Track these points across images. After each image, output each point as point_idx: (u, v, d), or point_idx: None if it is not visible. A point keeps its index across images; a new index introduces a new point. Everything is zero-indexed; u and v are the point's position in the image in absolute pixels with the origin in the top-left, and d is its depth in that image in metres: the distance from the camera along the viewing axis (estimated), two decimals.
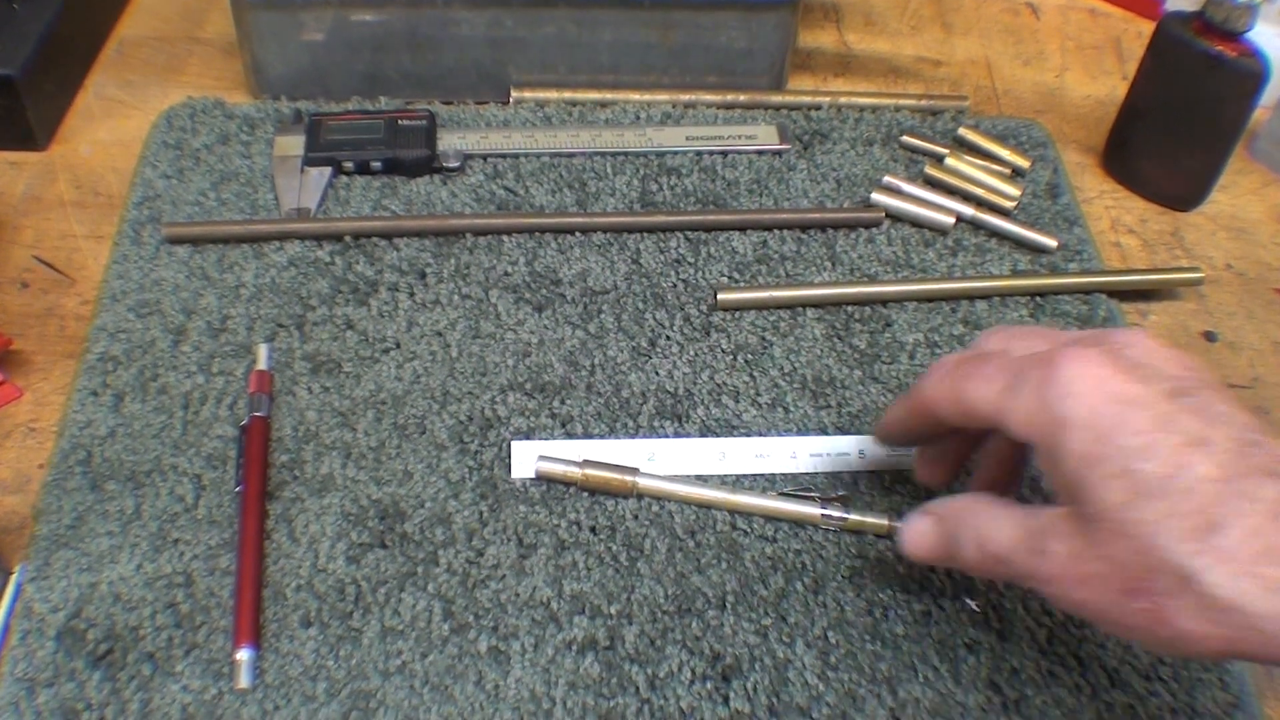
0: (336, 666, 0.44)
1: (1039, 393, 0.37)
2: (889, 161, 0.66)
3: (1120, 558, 0.35)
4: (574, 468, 0.49)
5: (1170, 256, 0.64)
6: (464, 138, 0.65)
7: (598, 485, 0.49)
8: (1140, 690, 0.45)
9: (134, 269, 0.57)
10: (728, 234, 0.61)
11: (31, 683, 0.43)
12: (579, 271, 0.59)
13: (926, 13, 0.80)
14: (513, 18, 0.66)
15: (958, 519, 0.41)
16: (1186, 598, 0.34)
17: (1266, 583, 0.33)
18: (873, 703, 0.44)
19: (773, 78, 0.70)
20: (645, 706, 0.43)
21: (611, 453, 0.50)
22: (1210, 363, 0.59)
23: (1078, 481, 0.36)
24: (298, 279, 0.57)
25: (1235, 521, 0.34)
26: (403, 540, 0.48)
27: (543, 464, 0.49)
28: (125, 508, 0.48)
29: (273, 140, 0.64)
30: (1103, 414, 0.36)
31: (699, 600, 0.46)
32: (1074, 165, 0.69)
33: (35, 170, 0.64)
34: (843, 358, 0.56)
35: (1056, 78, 0.76)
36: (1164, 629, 0.35)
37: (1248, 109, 0.62)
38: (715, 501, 0.49)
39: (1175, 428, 0.35)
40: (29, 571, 0.46)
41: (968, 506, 0.41)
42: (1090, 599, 0.36)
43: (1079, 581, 0.36)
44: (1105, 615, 0.36)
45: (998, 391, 0.39)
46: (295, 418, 0.52)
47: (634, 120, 0.68)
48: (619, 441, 0.51)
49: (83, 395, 0.52)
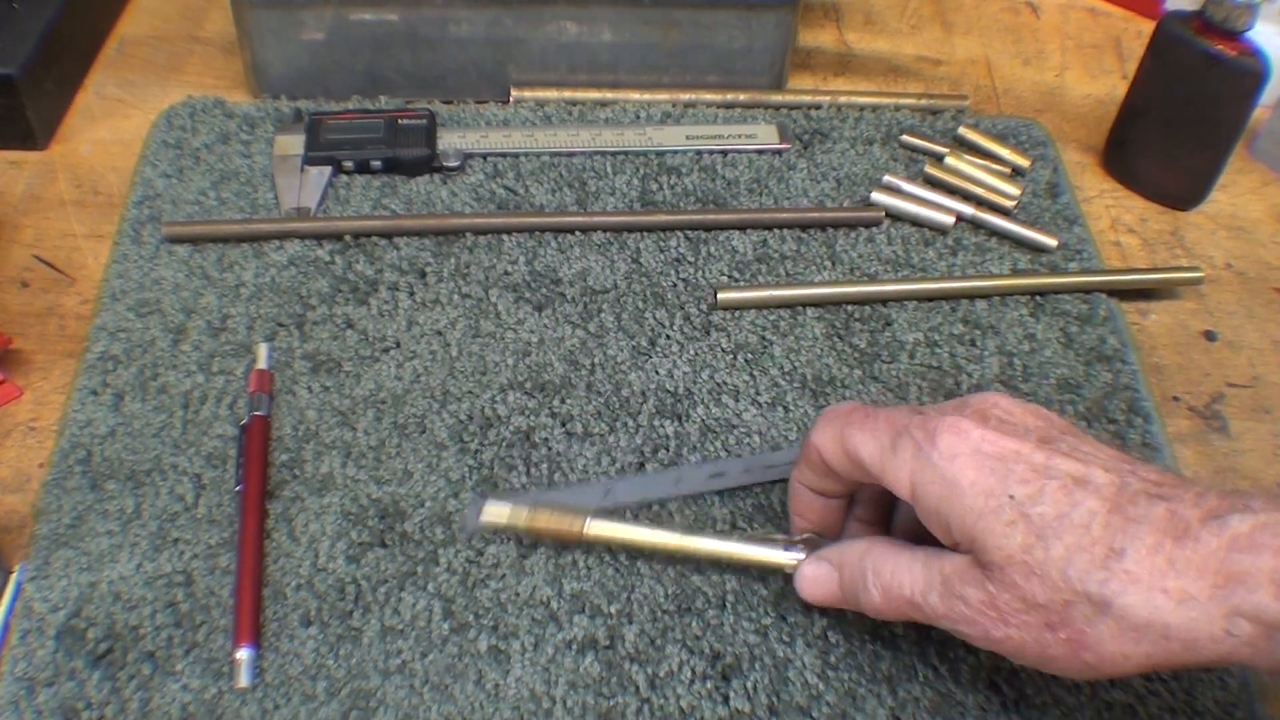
0: (336, 666, 0.44)
1: (920, 455, 0.39)
2: (889, 161, 0.66)
3: (1037, 597, 0.37)
4: (522, 511, 0.46)
5: (1170, 256, 0.64)
6: (464, 137, 0.65)
7: (545, 532, 0.46)
8: (1140, 690, 0.45)
9: (134, 268, 0.57)
10: (728, 233, 0.61)
11: (31, 682, 0.43)
12: (579, 271, 0.59)
13: (926, 12, 0.80)
14: (513, 17, 0.66)
15: (857, 565, 0.42)
16: (1105, 623, 0.36)
17: (1175, 595, 0.36)
18: (872, 702, 0.44)
19: (773, 77, 0.70)
20: (645, 706, 0.43)
21: (566, 496, 0.48)
22: (1210, 362, 0.59)
23: (976, 535, 0.38)
24: (298, 278, 0.57)
25: (1134, 544, 0.36)
26: (403, 539, 0.48)
27: (488, 513, 0.46)
28: (125, 507, 0.48)
29: (273, 139, 0.64)
30: (987, 470, 0.38)
31: (699, 599, 0.46)
32: (1074, 164, 0.69)
33: (35, 169, 0.64)
34: (843, 357, 0.56)
35: (1056, 77, 0.76)
36: (1087, 654, 0.37)
37: (1247, 108, 0.62)
38: (672, 546, 0.45)
39: (1055, 472, 0.38)
40: (29, 571, 0.46)
41: (866, 551, 0.42)
42: (1011, 636, 0.38)
43: (997, 622, 0.38)
44: (1025, 650, 0.38)
45: (882, 447, 0.41)
46: (295, 417, 0.52)
47: (634, 120, 0.68)
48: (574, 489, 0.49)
49: (83, 394, 0.52)
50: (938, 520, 0.39)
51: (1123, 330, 0.58)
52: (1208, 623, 0.35)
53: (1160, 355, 0.59)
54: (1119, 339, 0.58)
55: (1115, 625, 0.36)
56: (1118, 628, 0.36)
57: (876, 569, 0.41)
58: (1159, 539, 0.36)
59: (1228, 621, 0.35)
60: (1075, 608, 0.37)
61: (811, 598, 0.44)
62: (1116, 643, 0.36)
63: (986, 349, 0.57)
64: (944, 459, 0.39)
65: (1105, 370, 0.56)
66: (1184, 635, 0.36)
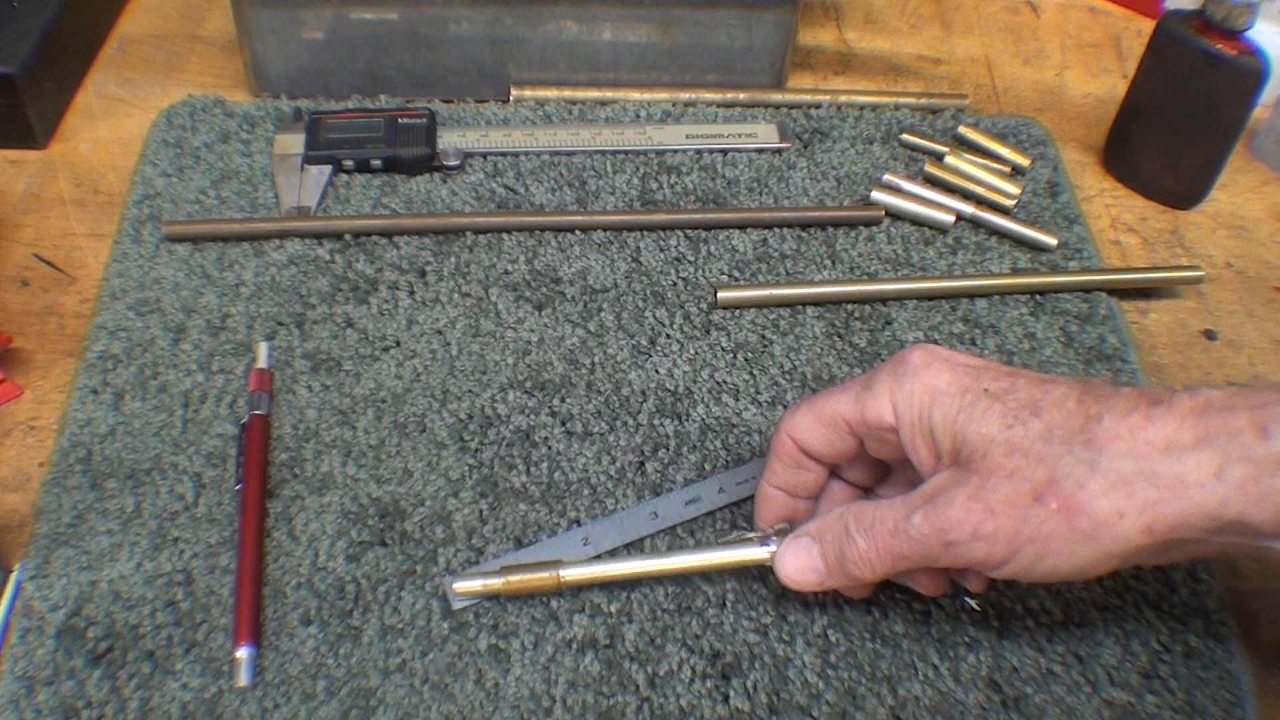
0: (336, 665, 0.44)
1: (895, 379, 0.41)
2: (889, 160, 0.66)
3: (1023, 471, 0.37)
4: (494, 579, 0.45)
5: (1170, 255, 0.64)
6: (464, 136, 0.65)
7: (523, 590, 0.45)
8: (1139, 688, 0.45)
9: (134, 267, 0.57)
10: (728, 232, 0.61)
11: (31, 681, 0.43)
12: (579, 270, 0.59)
13: (926, 11, 0.80)
14: (513, 16, 0.66)
15: (836, 523, 0.41)
16: (1094, 481, 0.36)
17: (1159, 445, 0.36)
18: (872, 701, 0.44)
19: (773, 76, 0.70)
20: (645, 705, 0.43)
21: (542, 553, 0.47)
22: (1210, 361, 0.59)
23: (956, 431, 0.39)
24: (298, 277, 0.57)
25: (1108, 412, 0.37)
26: (402, 538, 0.48)
27: (461, 585, 0.45)
28: (125, 506, 0.48)
29: (273, 138, 0.64)
30: (961, 373, 0.40)
31: (699, 598, 0.46)
32: (1074, 163, 0.69)
33: (35, 168, 0.64)
34: (843, 356, 0.56)
35: (1056, 76, 0.76)
36: (1080, 520, 0.37)
37: (1247, 107, 0.62)
38: (650, 571, 0.45)
39: (1023, 378, 0.39)
40: (29, 569, 0.46)
41: (844, 510, 0.42)
42: (1001, 526, 0.37)
43: (986, 514, 0.38)
44: (1018, 534, 0.37)
45: (855, 395, 0.42)
46: (295, 416, 0.52)
47: (634, 119, 0.68)
48: (549, 543, 0.48)
49: (83, 393, 0.52)
50: (921, 430, 0.40)
51: (1123, 329, 0.58)
52: (1197, 468, 0.36)
53: (1160, 354, 0.59)
54: (1119, 338, 0.58)
55: (1104, 481, 0.36)
56: (1106, 483, 0.36)
57: (857, 517, 0.41)
58: (1133, 404, 0.37)
59: (1217, 469, 0.35)
60: (1062, 472, 0.37)
61: (797, 578, 0.43)
62: (1109, 500, 0.36)
63: (986, 348, 0.57)
64: (918, 371, 0.40)
65: (1105, 369, 0.56)
66: (1174, 482, 0.36)
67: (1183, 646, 0.46)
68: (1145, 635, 0.46)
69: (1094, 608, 0.47)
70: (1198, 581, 0.48)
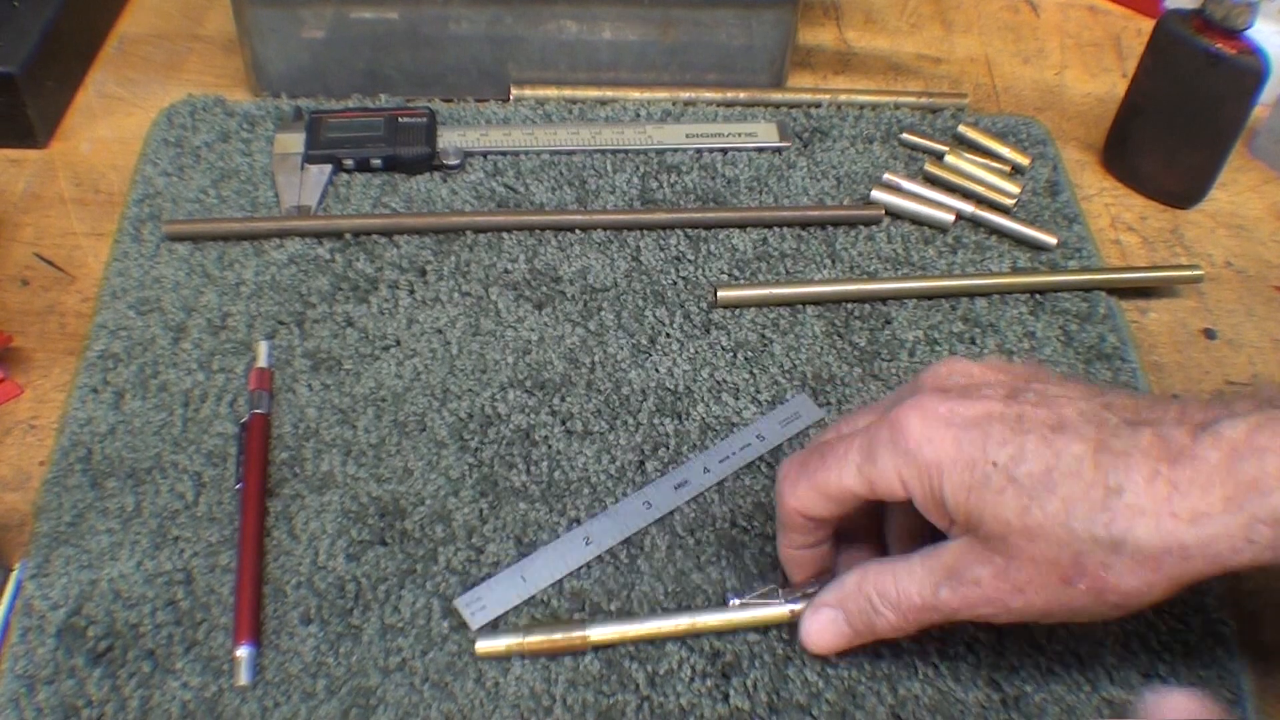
0: (336, 664, 0.44)
1: (897, 450, 0.39)
2: (889, 159, 0.67)
3: (1047, 556, 0.37)
4: (516, 638, 0.44)
5: (1170, 254, 0.64)
6: (464, 135, 0.65)
7: (548, 651, 0.44)
8: (1139, 687, 0.45)
9: (134, 266, 0.57)
10: (728, 231, 0.61)
11: (32, 680, 0.43)
12: (579, 269, 0.59)
13: (926, 10, 0.80)
14: (513, 15, 0.66)
15: (859, 597, 0.42)
16: (1122, 562, 0.36)
17: (1185, 517, 0.35)
18: (872, 700, 0.44)
19: (772, 75, 0.70)
20: (645, 704, 0.43)
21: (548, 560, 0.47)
22: (1210, 360, 0.59)
23: (970, 511, 0.38)
24: (298, 276, 0.57)
25: (1130, 477, 0.36)
26: (402, 537, 0.48)
27: (484, 646, 0.44)
28: (125, 505, 0.48)
29: (273, 138, 0.64)
30: (965, 442, 0.38)
31: (699, 597, 0.46)
32: (1074, 162, 0.69)
33: (35, 167, 0.64)
34: (843, 355, 0.56)
35: (1056, 75, 0.76)
36: (1111, 596, 0.37)
37: (1247, 106, 0.62)
38: (678, 630, 0.45)
39: (1030, 424, 0.37)
40: (29, 569, 0.46)
41: (861, 578, 0.42)
42: (1032, 602, 0.38)
43: (1014, 592, 0.38)
44: (1049, 609, 0.38)
45: (857, 466, 0.40)
46: (295, 415, 0.52)
47: (634, 118, 0.68)
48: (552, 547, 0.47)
49: (83, 392, 0.52)
50: (934, 506, 0.39)
51: (1122, 328, 0.58)
52: (1227, 535, 0.35)
53: (1160, 353, 0.59)
54: (1118, 337, 0.58)
55: (1131, 561, 0.36)
56: (1134, 563, 0.36)
57: (881, 592, 0.41)
58: (1154, 466, 0.36)
59: (1246, 530, 0.35)
60: (1087, 556, 0.36)
61: (823, 648, 0.43)
62: (1137, 576, 0.36)
63: (986, 347, 0.57)
64: (920, 446, 0.38)
65: (1105, 368, 0.56)
66: (1204, 552, 0.35)
67: (1183, 646, 0.46)
68: (1145, 634, 0.46)
69: None
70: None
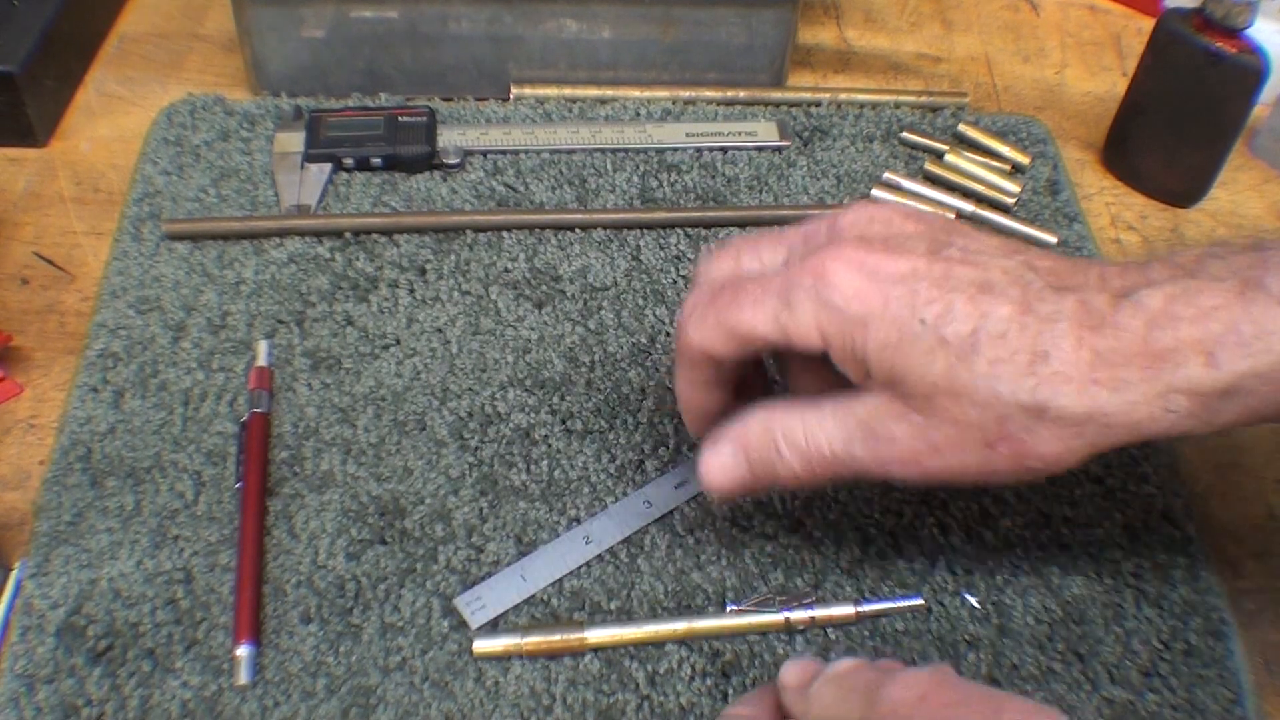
0: (336, 663, 0.44)
1: (819, 301, 0.37)
2: (889, 158, 0.66)
3: (969, 417, 0.36)
4: (514, 639, 0.44)
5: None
6: (464, 134, 0.65)
7: (545, 652, 0.44)
8: (1139, 686, 0.45)
9: (134, 265, 0.57)
10: (728, 230, 0.61)
11: (31, 679, 0.43)
12: (579, 268, 0.59)
13: (926, 9, 0.80)
14: (513, 14, 0.66)
15: (763, 435, 0.40)
16: (1044, 427, 0.36)
17: (1107, 384, 0.35)
18: None
19: (773, 74, 0.70)
20: (645, 703, 0.43)
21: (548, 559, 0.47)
22: None
23: (893, 368, 0.37)
24: (298, 275, 0.57)
25: (1056, 343, 0.36)
26: (402, 537, 0.48)
27: (481, 646, 0.44)
28: (125, 504, 0.48)
29: (273, 137, 0.64)
30: (892, 299, 0.37)
31: (699, 597, 0.46)
32: (1074, 162, 0.69)
33: (35, 167, 0.64)
34: None
35: (1056, 74, 0.76)
36: (1030, 461, 0.37)
37: (1247, 105, 0.62)
38: (674, 634, 0.45)
39: (957, 283, 0.37)
40: (29, 568, 0.46)
41: (768, 418, 0.40)
42: (948, 464, 0.37)
43: (931, 452, 0.37)
44: (964, 471, 0.37)
45: (773, 312, 0.38)
46: (295, 414, 0.52)
47: (634, 117, 0.67)
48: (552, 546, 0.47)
49: (83, 391, 0.52)
50: (851, 361, 0.38)
51: None
52: (1145, 404, 0.36)
53: None
54: None
55: (1054, 426, 0.36)
56: (1057, 428, 0.36)
57: (788, 436, 0.39)
58: (1078, 333, 0.36)
59: (1164, 400, 0.35)
60: (1011, 420, 0.36)
61: (718, 486, 0.41)
62: (1059, 441, 0.36)
63: None
64: (848, 300, 0.37)
65: None
66: (1124, 420, 0.36)
67: (1183, 645, 0.46)
68: (1145, 633, 0.46)
69: (1094, 606, 0.47)
70: (1197, 580, 0.48)
